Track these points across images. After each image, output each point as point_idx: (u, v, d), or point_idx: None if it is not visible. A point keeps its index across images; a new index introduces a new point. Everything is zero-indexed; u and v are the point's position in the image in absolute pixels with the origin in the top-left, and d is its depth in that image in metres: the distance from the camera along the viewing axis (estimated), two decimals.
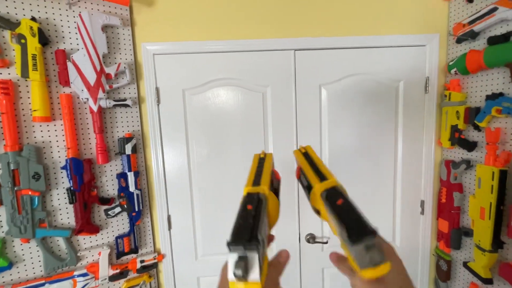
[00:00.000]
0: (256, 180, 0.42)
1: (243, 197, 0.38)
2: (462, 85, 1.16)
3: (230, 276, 0.28)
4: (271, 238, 0.43)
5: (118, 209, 1.13)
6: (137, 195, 1.15)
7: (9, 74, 0.95)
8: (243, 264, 0.28)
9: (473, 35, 1.06)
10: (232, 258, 0.28)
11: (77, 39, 1.03)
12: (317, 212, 0.43)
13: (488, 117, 1.01)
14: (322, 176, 0.42)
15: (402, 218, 1.32)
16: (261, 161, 0.53)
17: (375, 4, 1.19)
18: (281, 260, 0.39)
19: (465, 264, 1.13)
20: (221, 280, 0.36)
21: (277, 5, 1.18)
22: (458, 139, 1.14)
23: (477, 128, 1.07)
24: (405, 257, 1.53)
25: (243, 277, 0.28)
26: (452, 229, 1.18)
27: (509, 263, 0.98)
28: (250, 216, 0.33)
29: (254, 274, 0.28)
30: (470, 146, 1.10)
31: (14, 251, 1.00)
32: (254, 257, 0.28)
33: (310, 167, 0.46)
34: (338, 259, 0.42)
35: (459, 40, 1.13)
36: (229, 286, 0.29)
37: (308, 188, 0.45)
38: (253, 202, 0.36)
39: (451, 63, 1.15)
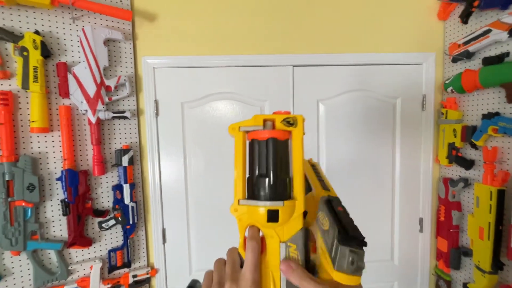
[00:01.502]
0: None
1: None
2: (459, 103, 1.17)
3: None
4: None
5: (112, 222, 1.11)
6: (132, 207, 1.13)
7: (9, 85, 0.96)
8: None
9: (468, 55, 1.08)
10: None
11: (79, 52, 1.05)
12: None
13: (484, 136, 1.01)
14: (325, 186, 0.42)
15: (401, 235, 1.30)
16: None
17: (373, 22, 1.22)
18: None
19: (465, 286, 1.10)
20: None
21: (276, 21, 1.20)
22: (456, 157, 1.14)
23: (474, 146, 1.07)
24: (404, 276, 1.49)
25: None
26: (451, 248, 1.16)
27: (509, 286, 0.96)
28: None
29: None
30: (468, 164, 1.10)
31: (4, 264, 0.98)
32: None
33: (316, 176, 0.46)
34: (294, 268, 0.37)
35: (454, 60, 1.15)
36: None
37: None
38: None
39: (447, 82, 1.16)
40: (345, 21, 1.22)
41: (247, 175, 0.37)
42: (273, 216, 0.34)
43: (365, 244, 0.30)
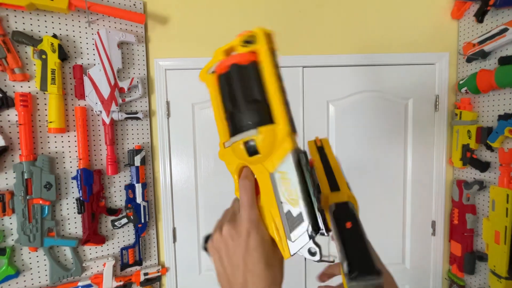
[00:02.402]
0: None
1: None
2: (473, 104, 1.14)
3: None
4: None
5: (124, 220, 1.14)
6: (144, 206, 1.16)
7: (29, 87, 1.00)
8: None
9: (483, 55, 1.05)
10: None
11: (94, 54, 1.08)
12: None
13: (501, 137, 0.99)
14: (334, 184, 0.36)
15: (412, 238, 1.27)
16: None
17: (384, 22, 1.21)
18: None
19: None
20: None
21: (285, 22, 1.21)
22: (470, 159, 1.11)
23: (489, 148, 1.05)
24: (416, 280, 1.47)
25: None
26: (466, 252, 1.13)
27: None
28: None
29: None
30: (483, 166, 1.07)
31: (22, 260, 1.02)
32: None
33: (323, 168, 0.40)
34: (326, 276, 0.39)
35: (469, 60, 1.13)
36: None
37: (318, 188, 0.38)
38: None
39: (461, 82, 1.14)
40: (355, 21, 1.21)
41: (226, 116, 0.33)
42: (251, 148, 0.30)
43: (380, 275, 0.25)
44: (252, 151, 0.31)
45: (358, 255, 0.27)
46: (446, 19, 1.21)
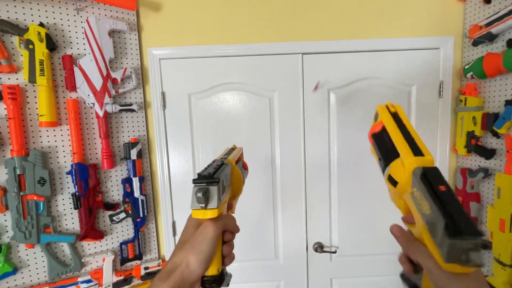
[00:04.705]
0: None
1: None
2: (479, 89, 1.10)
3: (192, 205, 0.35)
4: (230, 206, 0.49)
5: (122, 215, 1.12)
6: (142, 200, 1.13)
7: (17, 79, 0.95)
8: (203, 194, 0.34)
9: (491, 38, 1.01)
10: (194, 191, 0.35)
11: (84, 44, 1.03)
12: (393, 182, 0.40)
13: (507, 123, 0.96)
14: (416, 149, 0.38)
15: None
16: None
17: (386, 5, 1.16)
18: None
19: None
20: (187, 219, 0.44)
21: (284, 8, 1.15)
22: (475, 146, 1.09)
23: (495, 134, 1.02)
24: None
25: (203, 204, 0.34)
26: None
27: None
28: (213, 167, 0.41)
29: (213, 203, 0.35)
30: (488, 153, 1.04)
31: (19, 257, 1.00)
32: (214, 190, 0.35)
33: (401, 133, 0.42)
34: (402, 234, 0.40)
35: (475, 43, 1.08)
36: (191, 224, 0.40)
37: (385, 155, 0.44)
38: (218, 162, 0.45)
39: (467, 67, 1.10)
40: (356, 5, 1.16)
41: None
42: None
43: (479, 234, 0.27)
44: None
45: (458, 215, 0.28)
46: (451, 1, 1.16)
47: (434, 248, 0.30)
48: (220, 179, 0.37)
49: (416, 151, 0.37)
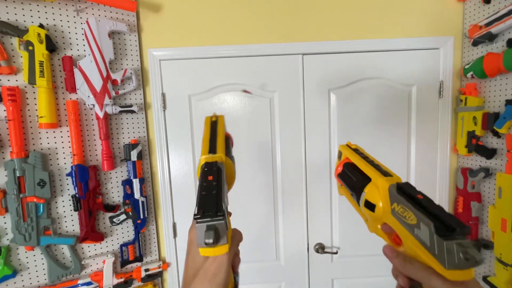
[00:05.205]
0: (212, 147, 0.42)
1: (201, 167, 0.38)
2: (479, 89, 1.10)
3: (200, 244, 0.30)
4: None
5: (123, 217, 1.11)
6: (142, 202, 1.13)
7: (16, 81, 0.95)
8: (213, 234, 0.29)
9: (491, 37, 1.01)
10: (200, 229, 0.30)
11: (84, 45, 1.03)
12: (371, 207, 0.41)
13: (508, 123, 0.96)
14: (383, 171, 0.42)
15: None
16: (214, 125, 0.49)
17: (386, 6, 1.16)
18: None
19: (485, 279, 1.06)
20: (189, 244, 0.37)
21: (284, 9, 1.15)
22: (476, 146, 1.09)
23: (496, 134, 1.02)
24: None
25: (213, 244, 0.30)
26: (471, 240, 1.12)
27: None
28: (213, 187, 0.34)
29: (223, 240, 0.31)
30: (489, 153, 1.04)
31: (19, 259, 0.99)
32: (222, 225, 0.30)
33: (366, 162, 0.46)
34: (397, 253, 0.38)
35: (475, 43, 1.08)
36: (198, 251, 0.33)
37: (356, 186, 0.45)
38: (213, 172, 0.36)
39: (467, 67, 1.10)
40: (356, 6, 1.16)
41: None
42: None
43: (468, 230, 0.28)
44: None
45: (443, 215, 0.29)
46: (450, 1, 1.16)
47: (431, 260, 0.29)
48: (225, 208, 0.32)
49: (385, 174, 0.41)
